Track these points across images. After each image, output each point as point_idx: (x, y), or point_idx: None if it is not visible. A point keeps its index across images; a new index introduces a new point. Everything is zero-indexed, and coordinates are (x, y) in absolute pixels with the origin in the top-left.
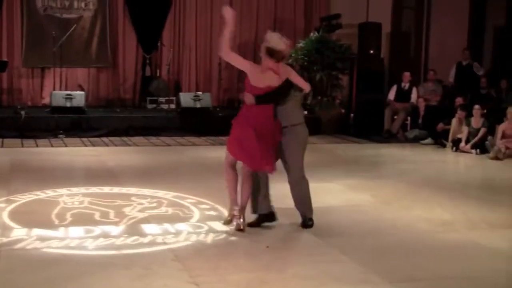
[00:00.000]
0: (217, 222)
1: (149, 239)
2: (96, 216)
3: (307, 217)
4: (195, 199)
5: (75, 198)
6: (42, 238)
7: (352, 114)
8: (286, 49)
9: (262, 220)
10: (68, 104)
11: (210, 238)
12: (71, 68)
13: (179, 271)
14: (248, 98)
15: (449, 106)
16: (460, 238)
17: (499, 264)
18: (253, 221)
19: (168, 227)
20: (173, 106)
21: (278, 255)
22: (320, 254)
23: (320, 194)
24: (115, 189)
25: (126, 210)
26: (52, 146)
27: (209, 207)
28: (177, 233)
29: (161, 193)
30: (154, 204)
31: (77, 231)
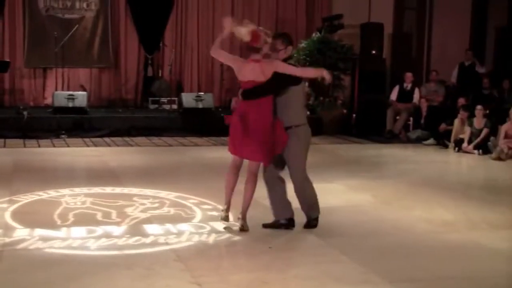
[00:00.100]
0: (219, 223)
1: (151, 240)
2: (98, 217)
3: (312, 218)
4: (197, 200)
5: (77, 199)
6: (44, 238)
7: (354, 115)
8: (255, 41)
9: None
10: (70, 105)
11: (212, 239)
12: (73, 69)
13: (181, 272)
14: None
15: (452, 107)
16: (461, 239)
17: (500, 265)
18: (270, 223)
19: (170, 228)
20: (175, 107)
21: (279, 256)
22: (321, 255)
23: (322, 195)
24: (117, 190)
25: (128, 211)
26: (54, 147)
27: (211, 208)
28: (179, 234)
29: (163, 194)
30: (156, 205)
31: (79, 232)
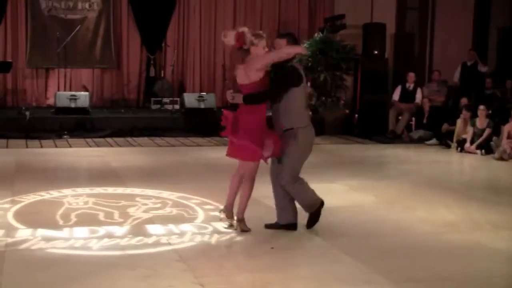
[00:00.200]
0: (222, 223)
1: (154, 240)
2: (101, 217)
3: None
4: (200, 200)
5: (80, 199)
6: (47, 239)
7: (356, 115)
8: (238, 41)
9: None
10: (73, 105)
11: (215, 239)
12: (76, 69)
13: (184, 272)
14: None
15: (454, 107)
16: (463, 239)
17: (502, 265)
18: (272, 224)
19: (173, 228)
20: (177, 107)
21: (282, 256)
22: (323, 255)
23: (324, 195)
24: (120, 190)
25: (131, 211)
26: (57, 147)
27: (214, 208)
28: (182, 234)
29: (166, 194)
30: (159, 205)
31: (82, 232)
